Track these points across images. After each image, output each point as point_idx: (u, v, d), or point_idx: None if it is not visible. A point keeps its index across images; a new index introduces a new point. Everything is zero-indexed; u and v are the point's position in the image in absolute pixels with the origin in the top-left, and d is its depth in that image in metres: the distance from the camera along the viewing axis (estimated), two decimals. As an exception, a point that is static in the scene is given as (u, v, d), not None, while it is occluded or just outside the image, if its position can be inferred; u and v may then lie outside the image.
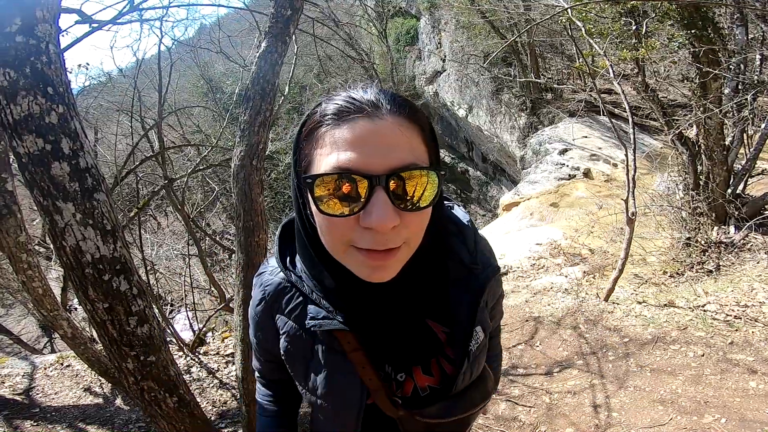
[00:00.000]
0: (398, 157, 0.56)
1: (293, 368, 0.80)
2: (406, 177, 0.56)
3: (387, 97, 0.60)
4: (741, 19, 4.35)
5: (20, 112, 1.58)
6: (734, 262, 3.94)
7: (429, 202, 0.59)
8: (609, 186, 7.98)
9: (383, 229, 0.55)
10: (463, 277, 0.77)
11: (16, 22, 1.54)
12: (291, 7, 2.72)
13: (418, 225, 0.61)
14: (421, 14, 15.16)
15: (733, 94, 4.30)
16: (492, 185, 15.26)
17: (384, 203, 0.55)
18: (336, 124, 0.58)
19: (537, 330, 3.64)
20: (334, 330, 0.71)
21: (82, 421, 3.19)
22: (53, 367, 3.95)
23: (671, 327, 3.10)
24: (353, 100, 0.59)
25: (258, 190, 2.64)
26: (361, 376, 0.73)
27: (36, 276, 2.59)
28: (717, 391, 2.44)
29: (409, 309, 0.72)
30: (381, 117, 0.58)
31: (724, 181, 4.54)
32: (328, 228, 0.60)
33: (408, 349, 0.74)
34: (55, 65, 1.66)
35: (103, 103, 9.19)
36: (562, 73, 11.49)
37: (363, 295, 0.69)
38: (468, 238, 0.80)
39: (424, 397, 0.76)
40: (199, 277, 7.99)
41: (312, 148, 0.60)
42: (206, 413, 3.20)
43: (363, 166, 0.55)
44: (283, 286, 0.77)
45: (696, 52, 4.07)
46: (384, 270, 0.61)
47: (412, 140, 0.59)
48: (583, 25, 4.12)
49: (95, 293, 1.77)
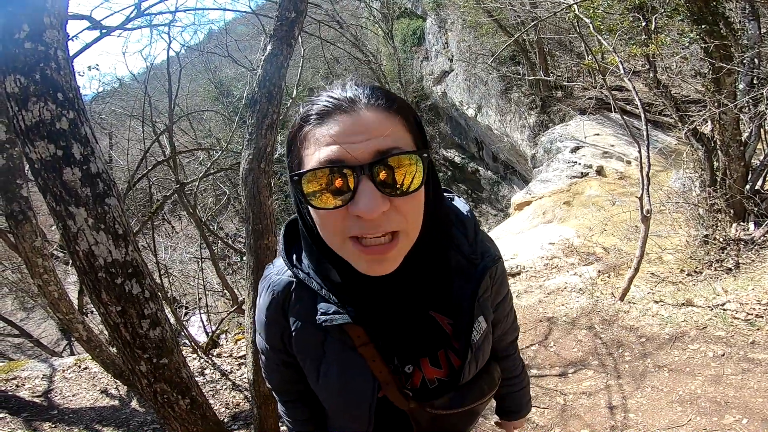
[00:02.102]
0: (380, 144, 0.58)
1: (305, 367, 0.80)
2: (391, 164, 0.58)
3: (365, 91, 0.62)
4: (753, 13, 4.23)
5: (32, 118, 1.60)
6: (754, 260, 3.82)
7: (417, 186, 0.60)
8: (623, 184, 7.85)
9: (372, 215, 0.57)
10: (464, 267, 0.78)
11: (24, 28, 1.56)
12: (295, 9, 2.73)
13: (412, 210, 0.62)
14: (427, 14, 15.11)
15: (748, 88, 4.18)
16: (503, 185, 15.13)
17: (370, 190, 0.57)
18: (318, 123, 0.61)
19: (551, 330, 3.58)
20: (344, 325, 0.72)
21: (99, 423, 3.24)
22: (71, 370, 4.02)
23: (690, 326, 3.02)
24: (332, 99, 0.61)
25: (267, 193, 2.65)
26: (372, 370, 0.74)
27: (51, 280, 2.64)
28: (738, 391, 2.37)
29: (413, 301, 0.73)
30: (359, 110, 0.60)
31: (741, 177, 4.42)
32: (323, 222, 0.62)
33: (415, 341, 0.76)
34: (65, 71, 1.68)
35: (117, 108, 9.36)
36: (572, 70, 11.32)
37: (368, 289, 0.70)
38: (468, 229, 0.81)
39: (433, 389, 0.78)
40: (212, 279, 8.08)
41: (300, 148, 0.63)
42: (219, 415, 3.22)
43: (346, 158, 0.57)
44: (291, 284, 0.78)
45: (708, 48, 3.97)
46: (383, 263, 0.62)
47: (393, 128, 0.61)
48: (591, 22, 4.05)
49: (108, 296, 1.79)
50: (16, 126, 1.64)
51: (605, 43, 3.99)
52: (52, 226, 9.69)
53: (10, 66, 1.55)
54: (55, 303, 2.70)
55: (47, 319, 8.99)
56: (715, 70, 4.00)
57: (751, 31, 4.27)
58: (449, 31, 14.13)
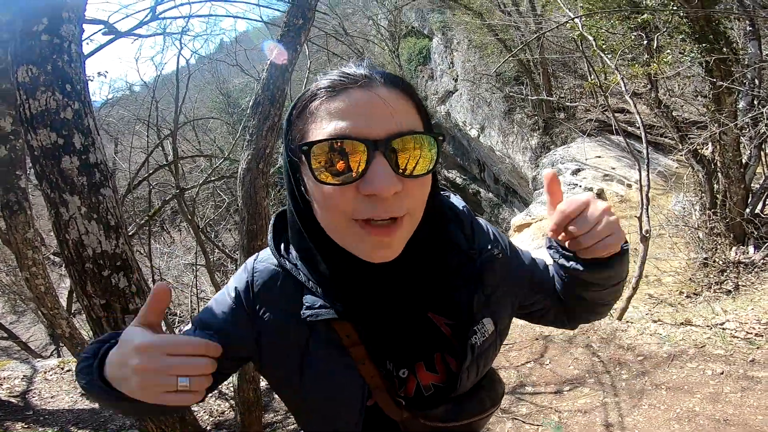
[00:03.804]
0: (395, 123, 0.56)
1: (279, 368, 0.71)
2: (404, 143, 0.56)
3: (379, 72, 0.61)
4: (753, 33, 4.30)
5: (38, 107, 1.62)
6: (754, 282, 3.78)
7: (429, 168, 0.58)
8: (623, 207, 7.83)
9: (386, 193, 0.54)
10: (463, 264, 0.72)
11: (43, 21, 1.61)
12: (303, 17, 2.79)
13: (420, 193, 0.60)
14: (433, 34, 15.38)
15: (748, 108, 4.21)
16: (504, 207, 15.11)
17: (384, 169, 0.54)
18: (331, 97, 0.58)
19: (547, 348, 3.52)
20: (332, 321, 0.65)
21: (74, 425, 3.15)
22: (53, 371, 3.93)
23: (688, 345, 2.97)
24: (346, 74, 0.59)
25: (263, 193, 2.64)
26: (361, 373, 0.67)
27: (40, 273, 2.61)
28: (737, 409, 2.32)
29: (409, 299, 0.68)
30: (375, 87, 0.58)
31: (742, 200, 4.41)
32: (326, 202, 0.58)
33: (410, 343, 0.69)
34: (75, 64, 1.71)
35: (125, 113, 9.48)
36: (575, 91, 11.46)
37: (360, 282, 0.65)
38: (465, 224, 0.77)
39: (429, 397, 0.70)
40: (206, 288, 8.01)
41: (306, 122, 0.59)
42: (202, 422, 3.14)
43: (361, 133, 0.55)
44: (276, 273, 0.71)
45: (709, 66, 4.01)
46: (388, 247, 0.59)
47: (408, 109, 0.60)
48: (594, 41, 4.11)
49: (93, 288, 1.76)
50: (21, 114, 1.65)
51: (608, 61, 4.03)
52: (50, 231, 9.70)
53: (25, 57, 1.59)
54: (40, 296, 2.67)
55: (37, 323, 8.89)
56: (715, 89, 4.03)
57: (751, 50, 4.32)
58: (455, 51, 14.36)
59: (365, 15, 18.35)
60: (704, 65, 4.04)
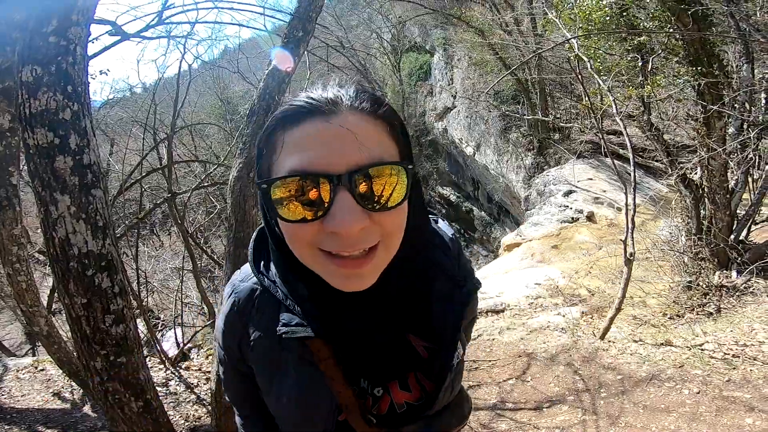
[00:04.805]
0: (360, 154, 0.52)
1: (259, 380, 0.74)
2: (372, 174, 0.52)
3: (348, 93, 0.57)
4: (747, 56, 4.34)
5: (38, 107, 1.65)
6: (735, 305, 3.85)
7: (400, 200, 0.55)
8: (612, 231, 7.91)
9: (350, 231, 0.52)
10: (448, 290, 0.73)
11: (53, 23, 1.64)
12: (303, 29, 2.85)
13: (394, 223, 0.57)
14: (435, 50, 15.61)
15: (737, 133, 4.27)
16: (496, 226, 15.15)
17: (348, 205, 0.51)
18: (291, 127, 0.55)
19: (529, 365, 3.53)
20: (307, 339, 0.66)
21: (43, 425, 3.10)
22: (26, 370, 3.86)
23: (667, 365, 3.02)
24: (311, 100, 0.55)
25: (252, 202, 2.66)
26: (332, 390, 0.67)
27: (23, 270, 2.61)
28: (712, 427, 2.36)
29: (389, 321, 0.68)
30: (339, 114, 0.54)
31: (727, 227, 4.49)
32: (293, 235, 0.57)
33: (385, 363, 0.70)
34: (79, 66, 1.73)
35: (124, 114, 9.48)
36: (571, 112, 11.64)
37: (339, 305, 0.64)
38: (452, 251, 0.77)
39: (401, 414, 0.71)
40: (192, 294, 7.94)
41: (271, 153, 0.57)
42: (177, 427, 3.10)
43: (321, 167, 0.52)
44: (255, 291, 0.72)
45: (701, 90, 4.05)
46: (359, 278, 0.57)
47: (377, 135, 0.56)
48: (591, 63, 4.19)
49: (75, 287, 1.76)
50: (21, 112, 1.67)
51: (601, 83, 4.11)
52: (37, 228, 9.57)
53: (31, 57, 1.62)
54: (21, 293, 2.66)
55: (14, 321, 8.70)
56: (706, 112, 4.08)
57: (744, 74, 4.35)
58: (455, 67, 14.57)
59: (369, 28, 18.61)
60: (696, 88, 4.10)
